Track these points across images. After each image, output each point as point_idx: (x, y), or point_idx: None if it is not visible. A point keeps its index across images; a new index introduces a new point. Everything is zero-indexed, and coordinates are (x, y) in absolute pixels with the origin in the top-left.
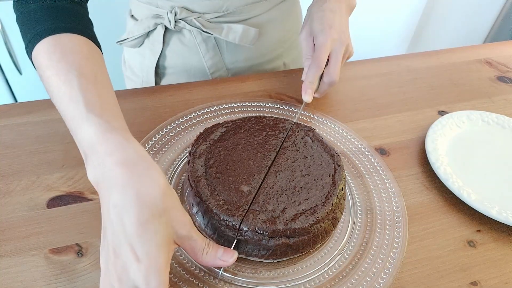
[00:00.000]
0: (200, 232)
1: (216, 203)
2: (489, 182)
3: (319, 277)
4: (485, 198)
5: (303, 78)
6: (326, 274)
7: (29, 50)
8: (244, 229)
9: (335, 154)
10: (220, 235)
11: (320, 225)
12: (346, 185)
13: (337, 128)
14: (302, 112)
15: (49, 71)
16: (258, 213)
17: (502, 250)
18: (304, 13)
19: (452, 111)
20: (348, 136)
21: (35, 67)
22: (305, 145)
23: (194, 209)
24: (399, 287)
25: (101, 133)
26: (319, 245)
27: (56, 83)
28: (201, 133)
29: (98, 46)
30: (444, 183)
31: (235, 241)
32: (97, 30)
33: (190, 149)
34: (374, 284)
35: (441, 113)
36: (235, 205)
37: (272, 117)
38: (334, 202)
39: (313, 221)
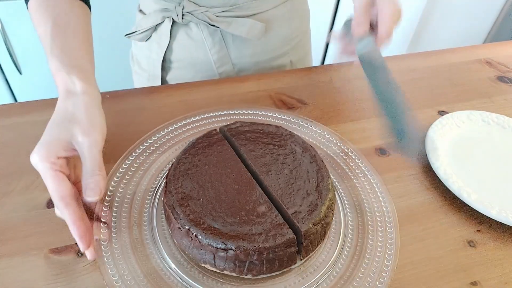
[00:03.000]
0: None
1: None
2: (489, 182)
3: None
4: (485, 198)
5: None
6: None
7: (26, 1)
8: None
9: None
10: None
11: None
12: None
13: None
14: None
15: (35, 21)
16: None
17: (502, 250)
18: (312, 13)
19: (452, 111)
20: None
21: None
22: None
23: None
24: (399, 287)
25: (56, 71)
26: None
27: (38, 30)
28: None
29: (84, 2)
30: (444, 183)
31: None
32: (107, 25)
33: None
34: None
35: (441, 113)
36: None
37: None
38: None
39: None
